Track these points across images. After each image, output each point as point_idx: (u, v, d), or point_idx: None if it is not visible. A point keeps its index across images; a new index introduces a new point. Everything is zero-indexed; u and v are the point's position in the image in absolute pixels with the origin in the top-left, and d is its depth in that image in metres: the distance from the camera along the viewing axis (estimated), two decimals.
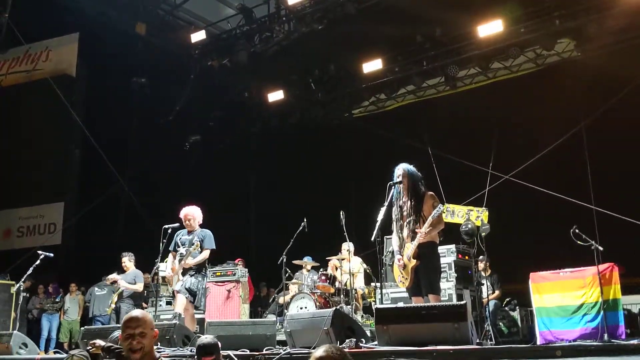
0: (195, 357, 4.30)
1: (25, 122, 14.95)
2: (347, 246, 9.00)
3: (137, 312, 3.26)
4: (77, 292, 12.14)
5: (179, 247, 7.31)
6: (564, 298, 6.63)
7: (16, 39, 14.94)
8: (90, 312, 11.53)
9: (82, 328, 7.52)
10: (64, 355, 6.47)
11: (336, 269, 9.35)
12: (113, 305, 9.68)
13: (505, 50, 11.58)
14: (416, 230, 5.53)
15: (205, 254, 7.21)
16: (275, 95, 13.50)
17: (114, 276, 9.85)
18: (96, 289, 11.76)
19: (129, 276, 9.61)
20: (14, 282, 10.84)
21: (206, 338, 4.39)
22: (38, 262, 9.04)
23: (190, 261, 7.07)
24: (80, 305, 12.17)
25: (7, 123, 14.83)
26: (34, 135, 14.89)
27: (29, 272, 9.21)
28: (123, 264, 9.70)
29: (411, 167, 5.82)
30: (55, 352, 7.74)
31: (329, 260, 9.63)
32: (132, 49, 13.25)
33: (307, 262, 10.19)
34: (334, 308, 5.81)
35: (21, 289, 9.59)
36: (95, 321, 11.12)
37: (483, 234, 8.06)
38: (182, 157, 15.24)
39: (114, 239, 15.50)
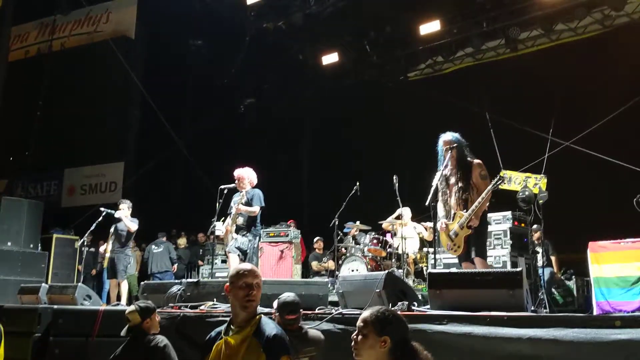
0: (277, 314, 4.29)
1: (87, 83, 15.39)
2: (402, 210, 8.98)
3: (249, 265, 3.25)
4: (135, 248, 12.61)
5: (231, 207, 7.47)
6: (623, 268, 6.45)
7: (78, 2, 15.31)
8: (149, 269, 12.01)
9: (142, 283, 7.83)
10: (125, 306, 6.76)
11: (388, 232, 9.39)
12: (107, 255, 9.33)
13: (570, 10, 11.02)
14: (468, 200, 5.47)
15: (254, 209, 7.32)
16: (330, 58, 13.38)
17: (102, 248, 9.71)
18: (153, 246, 12.20)
19: (120, 224, 9.21)
20: (77, 237, 11.37)
21: (289, 296, 4.38)
22: (100, 218, 9.42)
23: (242, 207, 7.21)
24: (137, 260, 12.63)
25: (70, 84, 15.32)
26: (96, 96, 15.34)
27: (92, 228, 9.64)
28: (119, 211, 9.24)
29: (457, 135, 5.72)
30: (115, 305, 8.08)
31: (381, 224, 9.63)
32: (189, 11, 13.35)
33: (358, 225, 10.25)
34: (386, 271, 5.84)
35: (85, 243, 10.05)
36: (154, 277, 11.57)
37: (540, 201, 7.87)
38: (237, 120, 15.42)
39: (171, 198, 15.98)
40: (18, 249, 9.96)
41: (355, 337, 2.50)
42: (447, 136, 5.72)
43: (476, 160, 5.64)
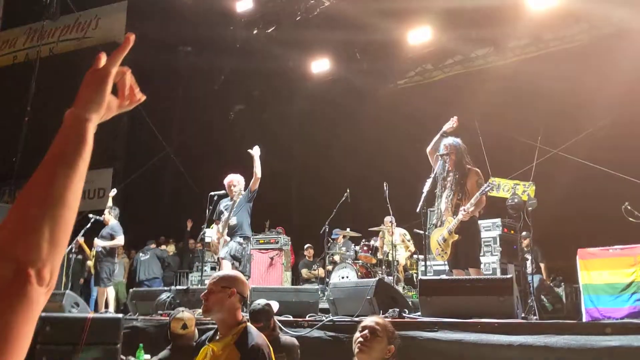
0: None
1: (76, 89, 15.27)
2: (390, 218, 9.00)
3: (222, 272, 3.24)
4: (123, 254, 12.52)
5: (222, 214, 7.43)
6: (612, 275, 6.47)
7: (67, 8, 15.25)
8: (137, 277, 11.92)
9: (131, 290, 7.77)
10: (113, 314, 6.70)
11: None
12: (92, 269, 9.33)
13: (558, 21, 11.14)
14: (459, 205, 5.48)
15: (247, 212, 7.34)
16: (320, 65, 13.41)
17: (80, 239, 9.52)
18: (140, 254, 12.13)
19: (104, 231, 9.21)
20: None
21: (257, 304, 4.38)
22: (89, 225, 9.34)
23: (233, 222, 7.20)
24: (125, 267, 12.54)
25: (59, 90, 15.21)
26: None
27: (80, 234, 9.55)
28: (103, 218, 9.30)
29: (458, 141, 5.74)
30: (105, 312, 8.02)
31: (371, 230, 9.64)
32: (179, 18, 13.34)
33: (347, 232, 10.26)
34: (377, 278, 5.84)
35: (72, 250, 9.95)
36: (143, 285, 11.50)
37: (530, 208, 7.90)
38: (226, 126, 15.39)
39: (160, 205, 15.90)
40: None
41: (367, 335, 2.62)
42: (448, 140, 5.73)
43: (474, 168, 5.66)
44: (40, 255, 0.89)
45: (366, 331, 2.65)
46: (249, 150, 7.30)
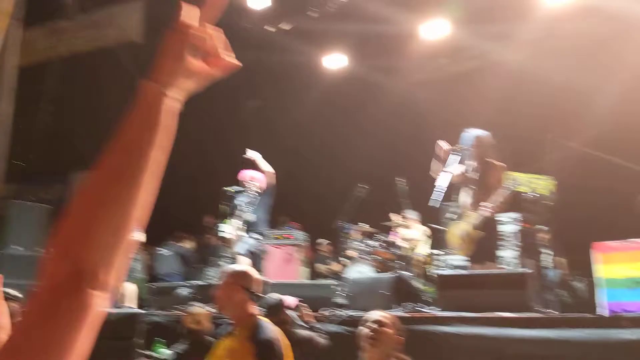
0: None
1: (95, 87, 15.45)
2: (408, 213, 8.98)
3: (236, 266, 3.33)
4: (143, 250, 12.60)
5: (238, 209, 7.48)
6: (631, 269, 6.40)
7: (84, 7, 15.38)
8: (157, 272, 12.03)
9: (151, 285, 7.86)
10: (133, 309, 6.77)
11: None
12: None
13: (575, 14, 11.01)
14: (482, 200, 5.46)
15: (264, 208, 7.37)
16: (334, 60, 13.41)
17: None
18: (161, 249, 12.24)
19: None
20: None
21: (270, 298, 4.44)
22: None
23: (250, 218, 7.23)
24: (146, 263, 12.63)
25: (78, 88, 15.38)
26: (103, 99, 15.37)
27: None
28: None
29: (483, 134, 5.69)
30: (122, 308, 8.10)
31: (387, 225, 9.63)
32: None
33: (362, 227, 10.25)
34: (393, 272, 5.84)
35: None
36: (162, 280, 11.60)
37: (547, 202, 7.84)
38: (240, 122, 15.45)
39: (178, 200, 16.02)
40: (28, 253, 9.99)
41: (376, 328, 2.68)
42: (474, 134, 5.68)
43: (498, 163, 5.62)
44: (99, 257, 0.80)
45: (375, 325, 2.67)
46: (246, 156, 7.34)
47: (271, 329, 2.99)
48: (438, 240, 7.42)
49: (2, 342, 1.08)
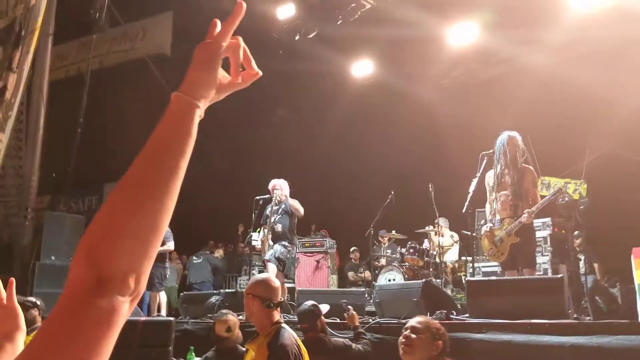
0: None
1: (126, 100, 15.75)
2: (439, 220, 8.91)
3: (261, 275, 3.42)
4: (177, 260, 12.74)
5: (268, 218, 7.52)
6: None
7: (115, 20, 15.71)
8: (188, 280, 12.16)
9: (182, 294, 7.93)
10: (165, 317, 6.85)
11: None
12: None
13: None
14: (517, 206, 5.39)
15: (301, 210, 7.41)
16: (362, 67, 13.41)
17: None
18: (193, 257, 12.36)
19: None
20: None
21: (303, 306, 4.48)
22: None
23: (278, 228, 7.28)
24: (179, 273, 12.77)
25: (109, 100, 15.69)
26: (133, 111, 15.65)
27: None
28: None
29: (516, 136, 5.62)
30: (157, 316, 8.21)
31: (417, 232, 9.57)
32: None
33: (392, 234, 10.20)
34: (424, 279, 5.80)
35: None
36: (193, 288, 11.71)
37: (581, 207, 7.69)
38: (270, 130, 15.55)
39: (209, 209, 16.18)
40: (61, 263, 10.19)
41: (408, 334, 2.66)
42: (506, 136, 5.62)
43: (529, 166, 5.56)
44: (126, 262, 0.80)
45: (408, 331, 2.67)
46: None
47: (287, 336, 3.00)
48: (468, 247, 7.34)
49: (20, 344, 1.10)
